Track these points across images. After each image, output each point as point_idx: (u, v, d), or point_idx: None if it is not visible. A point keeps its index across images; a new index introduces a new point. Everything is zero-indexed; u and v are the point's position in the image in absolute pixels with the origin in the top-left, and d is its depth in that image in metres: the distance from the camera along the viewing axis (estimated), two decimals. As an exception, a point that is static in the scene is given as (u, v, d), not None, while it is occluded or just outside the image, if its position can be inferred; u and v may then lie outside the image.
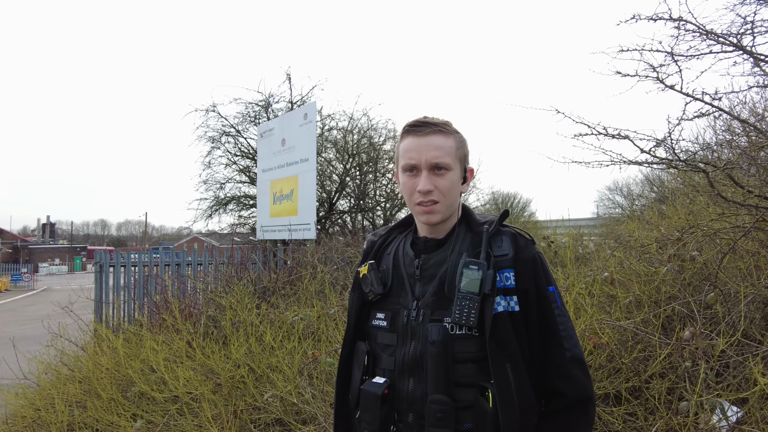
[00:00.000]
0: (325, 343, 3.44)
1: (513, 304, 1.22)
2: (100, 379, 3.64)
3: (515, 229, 1.31)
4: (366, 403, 1.25)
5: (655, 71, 3.44)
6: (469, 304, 1.17)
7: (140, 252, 7.32)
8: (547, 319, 1.23)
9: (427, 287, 1.27)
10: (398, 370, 1.25)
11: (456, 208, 1.31)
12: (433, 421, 1.17)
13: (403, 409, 1.24)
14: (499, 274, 1.22)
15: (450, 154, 1.26)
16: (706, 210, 3.95)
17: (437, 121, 1.28)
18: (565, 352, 1.21)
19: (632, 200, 17.66)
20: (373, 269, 1.34)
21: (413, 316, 1.26)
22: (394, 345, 1.28)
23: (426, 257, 1.30)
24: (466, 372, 1.20)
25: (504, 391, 1.15)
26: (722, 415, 2.14)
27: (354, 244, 6.96)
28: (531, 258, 1.25)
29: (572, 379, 1.21)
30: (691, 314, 2.89)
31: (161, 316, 4.88)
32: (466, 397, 1.19)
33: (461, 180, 1.31)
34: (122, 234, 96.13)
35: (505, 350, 1.18)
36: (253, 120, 10.66)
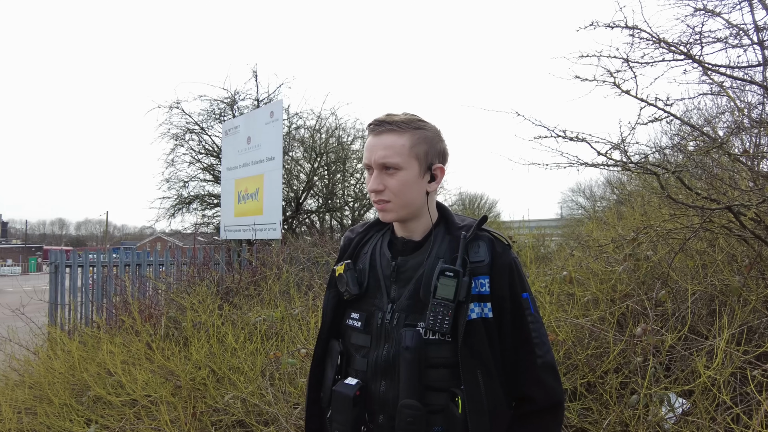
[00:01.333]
0: (288, 343, 3.41)
1: (487, 311, 1.22)
2: (53, 384, 3.50)
3: (493, 233, 1.30)
4: (338, 404, 1.25)
5: (612, 76, 3.57)
6: (443, 311, 1.17)
7: (98, 252, 7.09)
8: (520, 325, 1.24)
9: (403, 290, 1.27)
10: (371, 371, 1.25)
11: (419, 207, 1.29)
12: (405, 425, 1.17)
13: (374, 410, 1.24)
14: (475, 281, 1.22)
15: (401, 153, 1.23)
16: (659, 211, 4.11)
17: (395, 118, 1.26)
18: (536, 359, 1.23)
19: (594, 202, 18.22)
20: (350, 269, 1.33)
21: (388, 319, 1.25)
22: (367, 347, 1.27)
23: (403, 259, 1.29)
24: (439, 377, 1.20)
25: (474, 398, 1.17)
26: (669, 407, 2.23)
27: (321, 244, 6.92)
28: (507, 265, 1.25)
29: (543, 385, 1.22)
30: (644, 311, 3.01)
31: (120, 318, 4.73)
32: (437, 401, 1.20)
33: (423, 178, 1.27)
34: (82, 233, 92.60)
35: (478, 357, 1.19)
36: (218, 117, 10.47)
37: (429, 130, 1.28)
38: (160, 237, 30.45)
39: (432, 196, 1.32)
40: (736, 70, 3.34)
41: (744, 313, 2.61)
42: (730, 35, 3.31)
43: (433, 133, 1.29)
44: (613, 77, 3.56)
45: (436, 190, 1.32)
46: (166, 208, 10.81)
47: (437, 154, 1.29)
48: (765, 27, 3.48)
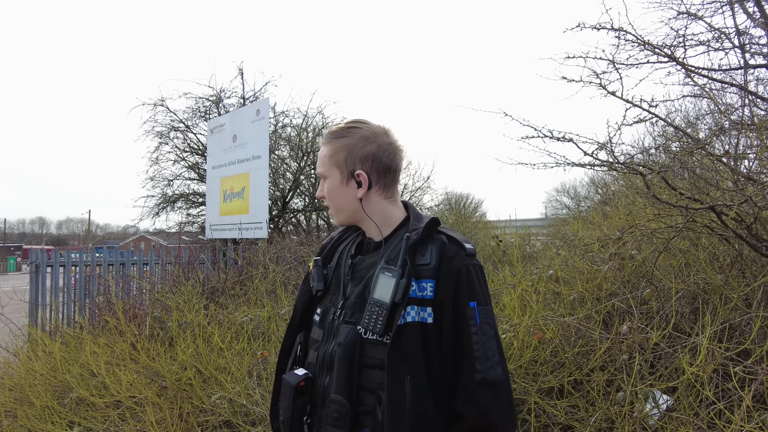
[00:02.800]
0: (276, 343, 3.39)
1: (426, 316, 1.18)
2: (34, 386, 3.44)
3: (452, 236, 1.25)
4: (284, 391, 1.28)
5: (598, 78, 3.60)
6: (378, 311, 1.17)
7: (81, 251, 6.97)
8: (461, 336, 1.16)
9: (355, 289, 1.29)
10: (319, 365, 1.28)
11: (354, 212, 1.32)
12: (331, 420, 1.19)
13: (317, 403, 1.26)
14: (418, 284, 1.19)
15: (324, 163, 1.33)
16: (643, 211, 4.17)
17: (327, 130, 1.37)
18: (474, 374, 1.14)
19: (578, 202, 18.43)
20: (317, 266, 1.38)
21: (337, 314, 1.28)
22: (320, 341, 1.31)
23: (360, 259, 1.33)
24: (372, 378, 1.19)
25: (395, 404, 1.13)
26: (654, 404, 2.27)
27: (308, 243, 6.89)
28: (455, 270, 1.19)
29: (476, 404, 1.14)
30: (629, 310, 3.05)
31: (103, 318, 4.66)
32: (369, 402, 1.18)
33: (347, 185, 1.30)
34: (63, 232, 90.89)
35: (407, 362, 1.15)
36: (203, 115, 10.36)
37: (353, 136, 1.30)
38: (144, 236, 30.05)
39: (371, 201, 1.31)
40: (717, 72, 3.41)
41: (726, 310, 2.66)
42: (713, 38, 3.37)
43: (357, 140, 1.29)
44: (599, 78, 3.60)
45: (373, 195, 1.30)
46: (150, 207, 10.67)
47: (360, 159, 1.29)
48: (746, 31, 3.55)
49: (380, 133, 1.32)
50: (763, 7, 3.61)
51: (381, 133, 1.33)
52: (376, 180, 1.31)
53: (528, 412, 2.53)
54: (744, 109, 3.41)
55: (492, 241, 5.37)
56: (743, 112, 3.39)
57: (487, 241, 7.32)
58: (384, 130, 1.34)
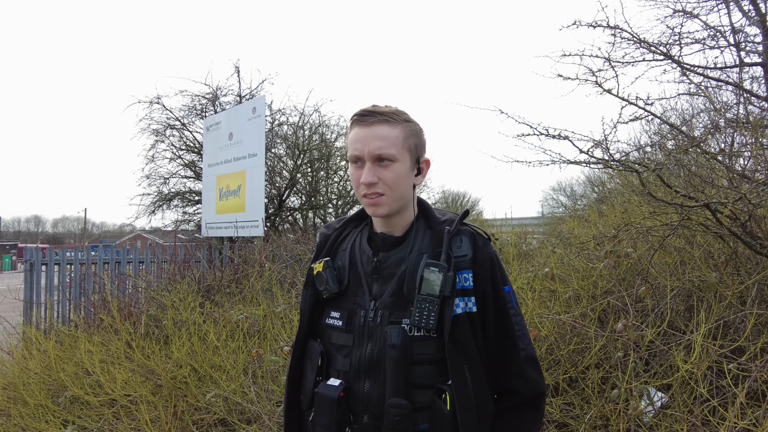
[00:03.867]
0: (271, 341, 3.38)
1: (471, 305, 1.21)
2: (28, 385, 3.42)
3: (473, 227, 1.29)
4: (321, 407, 1.21)
5: (594, 75, 3.61)
6: (429, 307, 1.16)
7: (76, 249, 6.94)
8: (503, 319, 1.24)
9: (386, 287, 1.24)
10: (354, 371, 1.22)
11: (408, 201, 1.27)
12: (393, 424, 1.15)
13: (358, 411, 1.22)
14: (458, 275, 1.21)
15: (395, 144, 1.20)
16: (639, 209, 4.18)
17: (384, 110, 1.22)
18: (520, 352, 1.23)
19: (575, 200, 18.46)
20: (329, 266, 1.29)
21: (371, 316, 1.22)
22: (349, 346, 1.24)
23: (384, 255, 1.26)
24: (424, 374, 1.19)
25: (462, 393, 1.16)
26: (649, 401, 2.27)
27: (304, 242, 6.88)
28: (488, 258, 1.24)
29: (527, 378, 1.23)
30: (624, 307, 3.05)
31: (98, 316, 4.64)
32: (422, 398, 1.18)
33: (412, 171, 1.26)
34: (59, 231, 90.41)
35: (464, 352, 1.19)
36: (199, 113, 10.32)
37: (415, 123, 1.29)
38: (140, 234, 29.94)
39: (416, 190, 1.32)
40: (713, 70, 3.41)
41: (720, 308, 2.67)
42: (708, 37, 3.38)
43: (419, 127, 1.29)
44: (595, 76, 3.61)
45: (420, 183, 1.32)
46: (146, 205, 10.62)
47: (423, 147, 1.30)
48: (741, 29, 3.55)
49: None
50: (759, 5, 3.62)
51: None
52: (427, 170, 1.32)
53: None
54: (739, 107, 3.42)
55: (488, 239, 5.35)
56: (738, 110, 3.40)
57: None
58: None
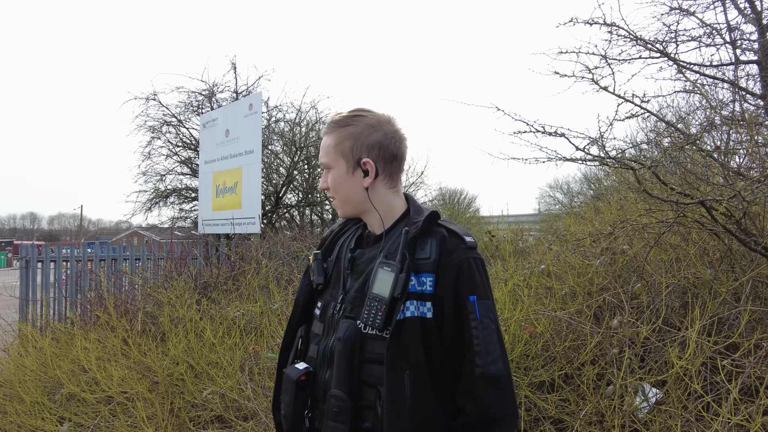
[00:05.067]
0: (268, 338, 3.38)
1: (425, 310, 1.17)
2: (24, 382, 3.41)
3: (453, 229, 1.24)
4: (285, 386, 1.28)
5: (591, 73, 3.61)
6: (377, 306, 1.16)
7: (72, 246, 6.92)
8: (461, 330, 1.16)
9: (355, 283, 1.27)
10: (319, 359, 1.27)
11: (361, 202, 1.28)
12: (332, 415, 1.18)
13: (319, 398, 1.25)
14: (417, 278, 1.18)
15: (328, 152, 1.30)
16: (635, 206, 4.19)
17: (330, 119, 1.33)
18: (474, 368, 1.13)
19: (571, 197, 18.50)
20: (317, 259, 1.36)
21: (337, 309, 1.27)
22: (320, 335, 1.30)
23: (360, 252, 1.31)
24: (373, 372, 1.18)
25: (395, 398, 1.12)
26: (644, 397, 2.29)
27: (301, 239, 6.88)
28: (455, 264, 1.18)
29: (477, 398, 1.14)
30: (620, 304, 3.07)
31: (95, 314, 4.63)
32: (369, 396, 1.18)
33: (352, 174, 1.27)
34: (55, 228, 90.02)
35: (407, 357, 1.14)
36: (195, 110, 10.29)
37: (358, 125, 1.27)
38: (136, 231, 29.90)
39: (377, 191, 1.28)
40: (709, 68, 3.42)
41: (715, 305, 2.68)
42: (704, 34, 3.38)
43: (362, 128, 1.27)
44: (591, 73, 3.61)
45: (379, 185, 1.28)
46: (142, 202, 10.61)
47: (366, 147, 1.26)
48: (737, 27, 3.56)
49: (385, 121, 1.30)
50: (754, 2, 3.63)
51: (386, 121, 1.30)
52: (383, 169, 1.28)
53: (519, 406, 2.54)
54: (735, 105, 3.43)
55: (485, 236, 5.38)
56: (734, 107, 3.41)
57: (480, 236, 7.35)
58: (388, 118, 1.31)
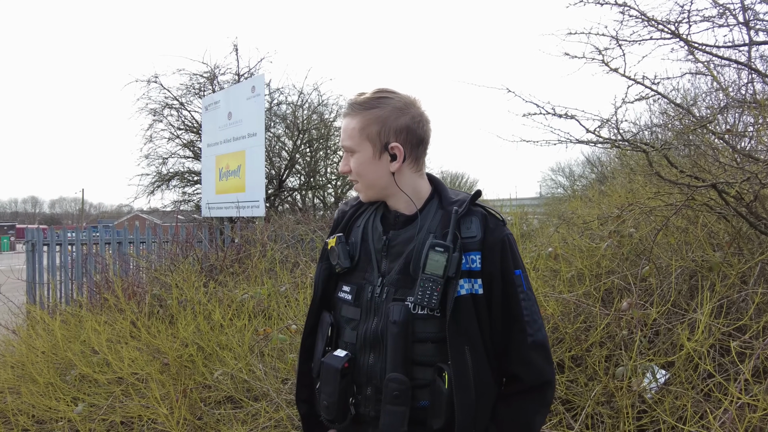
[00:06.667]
0: (277, 320, 3.41)
1: (477, 287, 1.21)
2: (36, 363, 3.45)
3: (487, 209, 1.28)
4: (326, 375, 1.25)
5: (601, 54, 3.56)
6: (432, 286, 1.17)
7: (77, 230, 6.93)
8: (511, 303, 1.22)
9: (393, 264, 1.26)
10: (360, 344, 1.26)
11: (386, 186, 1.28)
12: (390, 398, 1.18)
13: (362, 383, 1.25)
14: (465, 256, 1.21)
15: (352, 136, 1.27)
16: (643, 189, 4.18)
17: (352, 100, 1.28)
18: (526, 337, 1.21)
19: (573, 180, 18.44)
20: (341, 242, 1.33)
21: (377, 292, 1.25)
22: (357, 319, 1.28)
23: (395, 233, 1.29)
24: (425, 351, 1.21)
25: (461, 374, 1.17)
26: (653, 378, 2.31)
27: (305, 222, 6.89)
28: (499, 241, 1.23)
29: (531, 364, 1.22)
30: (627, 286, 3.08)
31: (103, 296, 4.66)
32: (423, 375, 1.21)
33: (378, 158, 1.26)
34: (56, 211, 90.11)
35: (465, 333, 1.19)
36: (197, 92, 10.20)
37: (385, 107, 1.25)
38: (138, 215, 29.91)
39: (403, 175, 1.28)
40: (721, 49, 3.37)
41: (723, 287, 2.69)
42: (717, 14, 3.33)
43: (390, 111, 1.25)
44: (601, 55, 3.56)
45: (405, 169, 1.28)
46: (145, 185, 10.58)
47: (394, 131, 1.25)
48: (751, 7, 3.50)
49: (411, 104, 1.27)
50: (768, -18, 3.56)
51: (411, 103, 1.28)
52: (409, 152, 1.27)
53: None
54: (747, 87, 3.39)
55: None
56: (746, 89, 3.37)
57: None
58: (413, 99, 1.29)
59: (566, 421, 2.35)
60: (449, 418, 1.17)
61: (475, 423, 1.19)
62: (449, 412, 1.17)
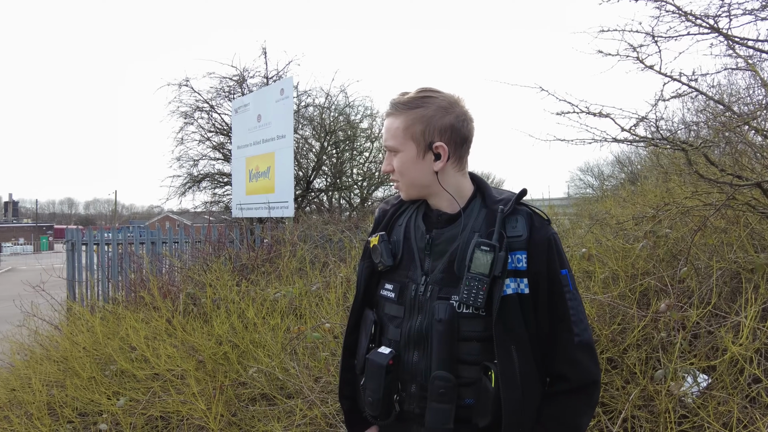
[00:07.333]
0: (309, 318, 3.45)
1: (523, 287, 1.21)
2: (78, 359, 3.58)
3: (532, 207, 1.28)
4: (371, 372, 1.27)
5: (635, 51, 3.49)
6: (477, 285, 1.17)
7: (113, 230, 7.15)
8: (557, 302, 1.22)
9: (437, 263, 1.27)
10: (404, 342, 1.27)
11: (429, 185, 1.29)
12: (436, 396, 1.19)
13: (406, 380, 1.26)
14: (511, 256, 1.21)
15: (396, 136, 1.27)
16: (679, 188, 4.08)
17: (396, 100, 1.29)
18: (573, 337, 1.21)
19: (603, 180, 18.08)
20: (384, 240, 1.34)
21: (421, 291, 1.26)
22: (400, 317, 1.29)
23: (438, 232, 1.29)
24: (470, 350, 1.21)
25: (507, 373, 1.17)
26: (694, 382, 2.25)
27: (333, 222, 6.94)
28: (545, 240, 1.23)
29: (577, 364, 1.21)
30: (664, 288, 3.01)
31: (138, 294, 4.80)
32: (468, 374, 1.21)
33: (422, 158, 1.26)
34: (90, 213, 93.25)
35: (512, 332, 1.19)
36: (227, 95, 10.40)
37: (430, 106, 1.25)
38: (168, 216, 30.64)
39: (446, 174, 1.28)
40: (764, 43, 3.27)
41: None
42: (760, 7, 3.22)
43: (434, 110, 1.25)
44: (636, 52, 3.50)
45: (449, 168, 1.28)
46: (176, 187, 10.85)
47: (439, 131, 1.25)
48: (794, -1, 3.38)
49: (455, 103, 1.28)
50: (813, -27, 3.43)
51: (455, 102, 1.28)
52: (453, 151, 1.27)
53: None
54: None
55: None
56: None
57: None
58: (457, 98, 1.29)
59: (604, 424, 2.31)
60: (495, 417, 1.18)
61: (522, 422, 1.19)
62: (495, 411, 1.17)
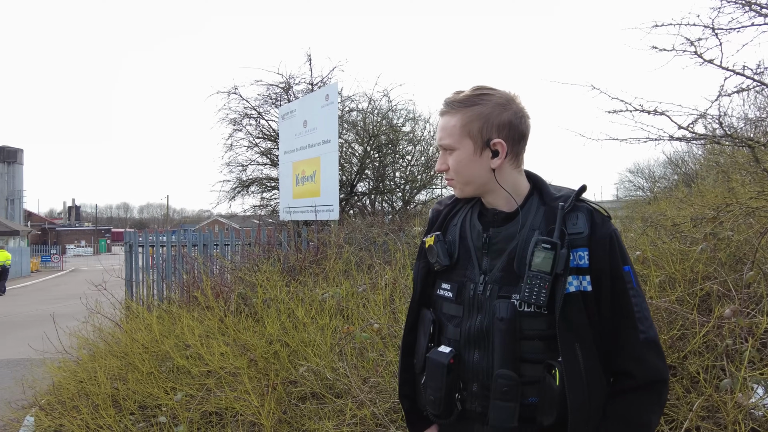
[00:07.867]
0: (356, 319, 3.49)
1: (585, 284, 1.19)
2: (138, 354, 3.76)
3: (592, 204, 1.25)
4: (432, 371, 1.27)
5: (693, 45, 3.35)
6: (539, 283, 1.16)
7: (167, 232, 7.47)
8: (621, 299, 1.20)
9: (495, 262, 1.26)
10: (464, 341, 1.26)
11: (485, 183, 1.27)
12: (500, 394, 1.18)
13: (467, 379, 1.26)
14: (573, 253, 1.19)
15: (452, 134, 1.26)
16: (743, 188, 3.87)
17: (451, 98, 1.28)
18: (638, 334, 1.18)
19: (654, 182, 17.36)
20: (440, 240, 1.33)
21: (480, 290, 1.25)
22: (459, 316, 1.28)
23: (495, 231, 1.28)
24: (533, 349, 1.20)
25: (572, 371, 1.15)
26: (765, 394, 2.13)
27: (377, 225, 6.99)
28: (607, 237, 1.20)
29: (644, 362, 1.19)
30: (727, 293, 2.86)
31: (192, 294, 4.99)
32: (532, 372, 1.20)
33: (479, 155, 1.25)
34: (144, 216, 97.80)
35: (575, 330, 1.17)
36: (273, 102, 10.66)
37: (487, 104, 1.24)
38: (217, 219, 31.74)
39: (503, 171, 1.27)
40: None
41: None
42: (833, -6, 3.02)
43: (491, 107, 1.24)
44: (693, 46, 3.35)
45: (506, 165, 1.27)
46: (226, 191, 11.18)
47: (496, 128, 1.24)
48: None
49: (512, 99, 1.26)
50: None
51: (512, 99, 1.27)
52: (511, 149, 1.26)
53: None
54: None
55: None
56: None
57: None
58: (513, 95, 1.28)
59: (664, 433, 2.22)
60: (560, 415, 1.16)
61: (588, 420, 1.17)
62: (560, 409, 1.16)
